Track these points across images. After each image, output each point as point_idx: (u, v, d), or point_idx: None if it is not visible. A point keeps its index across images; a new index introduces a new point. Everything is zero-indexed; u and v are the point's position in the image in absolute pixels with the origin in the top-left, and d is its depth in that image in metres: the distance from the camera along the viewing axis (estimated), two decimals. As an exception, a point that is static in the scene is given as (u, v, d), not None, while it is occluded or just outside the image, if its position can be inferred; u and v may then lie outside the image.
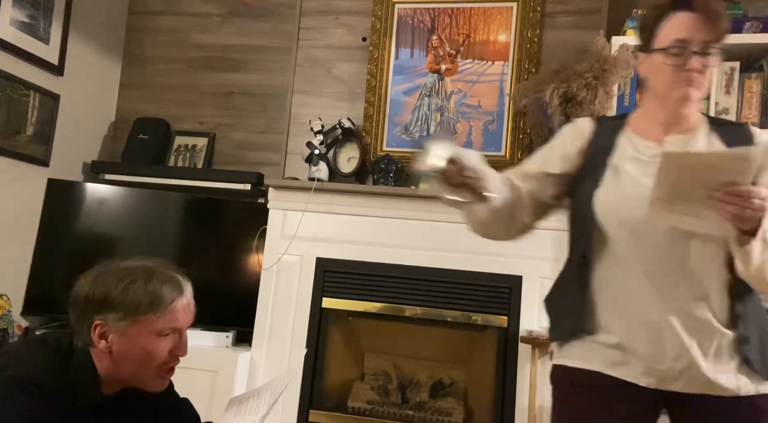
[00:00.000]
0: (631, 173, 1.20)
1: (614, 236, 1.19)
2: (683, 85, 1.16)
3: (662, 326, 1.13)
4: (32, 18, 2.68)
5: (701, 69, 1.15)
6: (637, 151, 1.23)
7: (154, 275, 1.16)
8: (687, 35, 1.14)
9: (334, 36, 2.92)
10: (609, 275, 1.20)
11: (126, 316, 1.12)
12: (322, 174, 2.64)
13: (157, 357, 1.15)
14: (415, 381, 2.68)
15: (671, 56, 1.15)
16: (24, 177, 2.70)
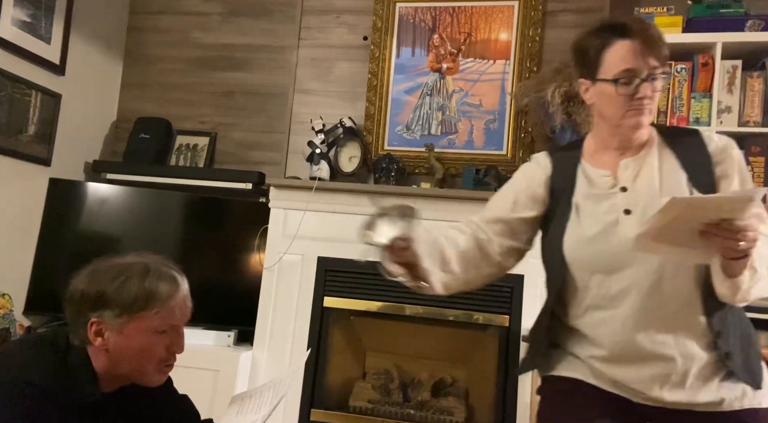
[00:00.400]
0: (589, 213, 1.19)
1: (586, 282, 1.18)
2: (635, 114, 1.16)
3: (645, 359, 1.13)
4: (34, 17, 2.68)
5: (651, 95, 1.15)
6: (593, 185, 1.22)
7: (149, 272, 1.15)
8: (633, 65, 1.14)
9: (335, 35, 2.92)
10: (586, 320, 1.20)
11: (122, 313, 1.11)
12: (323, 173, 2.64)
13: (154, 354, 1.14)
14: (416, 380, 2.68)
15: (621, 86, 1.15)
16: (26, 176, 2.70)
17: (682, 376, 1.13)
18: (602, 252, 1.15)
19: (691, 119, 2.32)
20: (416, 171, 2.74)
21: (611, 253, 1.14)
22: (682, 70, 2.34)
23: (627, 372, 1.15)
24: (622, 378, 1.16)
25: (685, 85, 2.33)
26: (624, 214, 1.16)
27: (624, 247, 1.12)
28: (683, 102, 2.33)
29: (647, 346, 1.12)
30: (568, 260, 1.19)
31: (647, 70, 1.14)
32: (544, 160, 1.31)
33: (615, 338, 1.15)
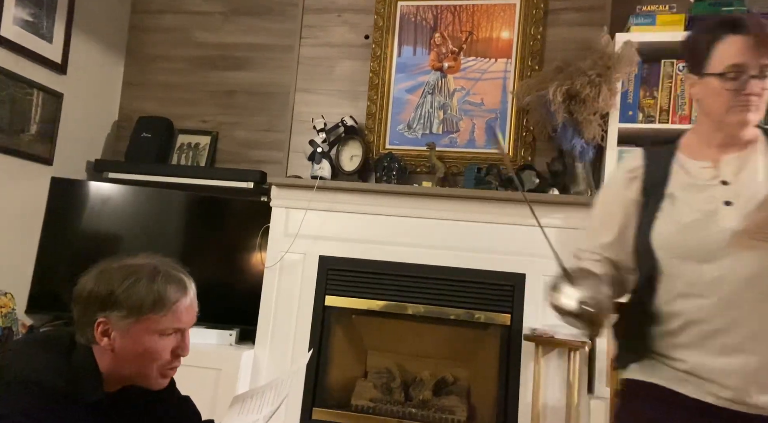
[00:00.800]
0: (687, 201, 1.19)
1: (677, 269, 1.18)
2: (741, 110, 1.15)
3: (733, 351, 1.12)
4: (35, 17, 2.69)
5: (759, 92, 1.14)
6: (690, 176, 1.22)
7: (158, 274, 1.15)
8: (743, 60, 1.13)
9: (337, 34, 2.92)
10: (676, 307, 1.18)
11: (129, 314, 1.11)
12: (324, 172, 2.64)
13: (159, 356, 1.15)
14: (418, 379, 2.68)
15: (729, 81, 1.14)
16: (28, 176, 2.70)
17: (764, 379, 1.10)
18: (699, 240, 1.14)
19: (693, 117, 2.31)
20: (418, 170, 2.74)
21: (708, 241, 1.13)
22: (684, 68, 2.33)
23: (712, 362, 1.13)
24: (706, 368, 1.13)
25: (687, 83, 2.33)
26: (724, 205, 1.15)
27: (722, 237, 1.11)
28: (685, 101, 2.33)
29: (737, 338, 1.11)
30: (655, 246, 1.19)
31: (757, 67, 1.13)
32: (637, 161, 1.31)
33: (707, 326, 1.13)
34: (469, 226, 2.48)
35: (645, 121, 2.37)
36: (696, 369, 1.16)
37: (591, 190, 2.42)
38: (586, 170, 2.44)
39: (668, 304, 1.20)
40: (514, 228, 2.43)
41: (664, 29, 2.35)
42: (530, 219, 2.40)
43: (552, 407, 2.30)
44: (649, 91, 2.37)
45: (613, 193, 1.32)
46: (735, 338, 1.12)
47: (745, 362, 1.11)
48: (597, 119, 2.33)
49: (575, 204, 2.38)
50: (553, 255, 1.15)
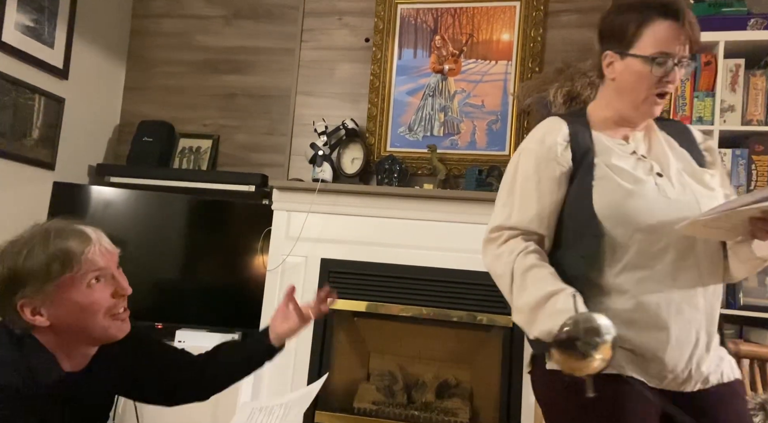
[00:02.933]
0: (624, 169, 1.17)
1: (626, 240, 1.12)
2: (654, 101, 1.18)
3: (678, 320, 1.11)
4: (37, 22, 2.70)
5: (676, 82, 1.16)
6: (612, 148, 1.22)
7: (50, 235, 1.08)
8: (671, 48, 1.13)
9: (337, 37, 2.92)
10: (621, 280, 1.13)
11: (43, 284, 1.05)
12: (326, 175, 2.64)
13: (97, 306, 1.09)
14: (420, 381, 2.68)
15: (656, 66, 1.14)
16: (30, 180, 2.71)
17: (707, 342, 1.13)
18: (644, 208, 1.12)
19: (694, 118, 2.31)
20: (419, 172, 2.74)
21: (654, 210, 1.12)
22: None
23: (661, 335, 1.10)
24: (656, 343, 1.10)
25: (687, 84, 2.33)
26: (657, 176, 1.17)
27: (664, 207, 1.13)
28: (686, 101, 2.33)
29: (683, 305, 1.11)
30: (600, 215, 1.13)
31: (681, 55, 1.14)
32: (559, 125, 1.25)
33: (651, 297, 1.11)
34: (470, 228, 2.48)
35: (646, 122, 2.36)
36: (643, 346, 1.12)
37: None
38: (587, 171, 2.44)
39: (614, 277, 1.13)
40: (515, 230, 2.43)
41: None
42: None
43: (555, 409, 2.30)
44: (650, 92, 2.37)
45: (545, 161, 1.21)
46: (680, 304, 1.12)
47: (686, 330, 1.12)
48: (598, 120, 2.33)
49: (577, 205, 2.38)
50: None
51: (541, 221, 1.20)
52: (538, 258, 1.17)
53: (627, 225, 1.12)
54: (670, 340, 1.10)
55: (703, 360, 1.13)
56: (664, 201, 1.14)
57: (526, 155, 1.25)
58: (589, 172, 1.17)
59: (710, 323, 1.14)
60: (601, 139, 1.23)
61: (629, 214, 1.12)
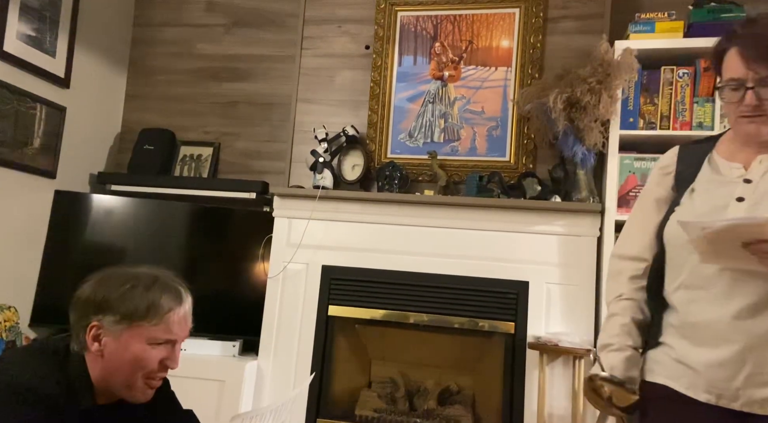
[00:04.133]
0: (704, 196, 1.20)
1: (682, 261, 1.20)
2: (746, 121, 1.17)
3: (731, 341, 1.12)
4: (38, 31, 2.71)
5: (759, 103, 1.14)
6: (717, 173, 1.23)
7: (156, 283, 1.16)
8: (739, 74, 1.15)
9: (338, 44, 2.93)
10: (677, 299, 1.21)
11: (122, 319, 1.12)
12: (326, 182, 2.64)
13: (147, 365, 1.14)
14: (422, 388, 2.67)
15: (727, 93, 1.18)
16: (31, 189, 2.72)
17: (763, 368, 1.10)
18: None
19: (694, 124, 2.32)
20: (419, 178, 2.74)
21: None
22: (684, 75, 2.34)
23: (713, 354, 1.13)
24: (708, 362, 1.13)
25: (687, 90, 2.33)
26: (736, 201, 1.16)
27: None
28: (686, 107, 2.33)
29: (734, 330, 1.11)
30: (666, 236, 1.23)
31: (755, 78, 1.14)
32: (671, 158, 1.34)
33: (702, 317, 1.15)
34: (471, 234, 2.48)
35: (646, 128, 2.37)
36: (690, 361, 1.17)
37: (593, 197, 2.42)
38: (587, 177, 2.44)
39: (671, 294, 1.22)
40: (516, 235, 2.43)
41: (663, 36, 2.36)
42: (532, 226, 2.41)
43: (557, 415, 2.29)
44: (650, 98, 2.38)
45: (648, 192, 1.36)
46: (733, 327, 1.11)
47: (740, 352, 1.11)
48: (598, 126, 2.33)
49: (577, 211, 2.38)
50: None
51: (642, 246, 1.32)
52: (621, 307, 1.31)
53: (683, 247, 1.18)
54: (719, 359, 1.13)
55: (763, 384, 1.10)
56: None
57: (642, 189, 1.41)
58: (679, 198, 1.26)
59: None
60: (716, 162, 1.26)
61: (682, 236, 1.16)
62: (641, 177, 2.35)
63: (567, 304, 2.37)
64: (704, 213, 1.17)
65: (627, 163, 2.36)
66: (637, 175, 2.36)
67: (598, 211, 2.36)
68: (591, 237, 2.37)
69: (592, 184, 2.45)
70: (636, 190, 2.34)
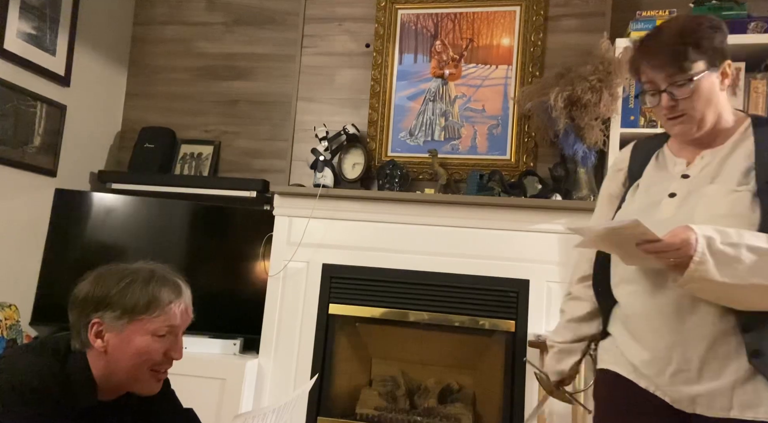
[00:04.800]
0: (644, 193, 1.23)
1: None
2: (671, 124, 1.21)
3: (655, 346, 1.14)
4: (38, 30, 2.71)
5: (675, 103, 1.17)
6: (662, 170, 1.26)
7: (153, 277, 1.17)
8: (649, 77, 1.20)
9: (338, 43, 2.93)
10: (618, 292, 1.24)
11: (123, 314, 1.13)
12: (327, 180, 2.64)
13: (152, 357, 1.15)
14: (423, 386, 2.67)
15: (648, 98, 1.21)
16: (32, 187, 2.72)
17: (698, 364, 1.09)
18: None
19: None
20: (420, 177, 2.74)
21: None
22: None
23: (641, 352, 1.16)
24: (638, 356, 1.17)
25: (688, 87, 2.33)
26: (668, 197, 1.19)
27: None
28: (687, 105, 2.33)
29: (663, 323, 1.13)
30: None
31: (664, 81, 1.17)
32: (624, 154, 1.37)
33: (635, 310, 1.18)
34: (472, 232, 2.48)
35: (647, 126, 2.37)
36: (628, 355, 1.20)
37: (593, 195, 2.42)
38: (588, 175, 2.44)
39: (615, 288, 1.26)
40: (517, 234, 2.43)
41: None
42: (533, 224, 2.41)
43: (558, 414, 2.29)
44: (651, 96, 2.37)
45: (603, 188, 1.40)
46: (668, 321, 1.13)
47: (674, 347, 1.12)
48: (598, 124, 2.33)
49: (578, 209, 2.38)
50: None
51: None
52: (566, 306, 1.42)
53: None
54: (649, 355, 1.15)
55: (690, 382, 1.10)
56: (653, 222, 1.12)
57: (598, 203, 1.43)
58: (626, 194, 1.29)
59: (709, 347, 1.08)
60: (665, 157, 1.28)
61: None
62: (642, 175, 2.34)
63: (567, 302, 2.37)
64: (639, 209, 1.20)
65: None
66: (637, 173, 2.35)
67: (599, 209, 2.36)
68: (592, 235, 2.37)
69: (592, 183, 2.45)
70: (637, 188, 2.34)
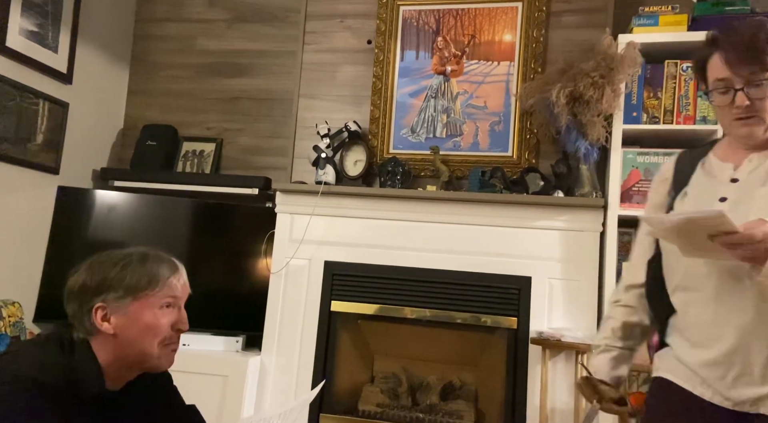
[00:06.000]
0: (694, 197, 1.21)
1: (676, 263, 1.22)
2: (740, 124, 1.18)
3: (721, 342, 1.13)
4: (41, 27, 2.71)
5: (750, 103, 1.14)
6: (709, 176, 1.24)
7: (148, 257, 1.18)
8: (725, 74, 1.16)
9: (340, 39, 2.93)
10: (675, 300, 1.23)
11: (126, 294, 1.14)
12: (329, 177, 2.64)
13: (161, 330, 1.16)
14: (425, 383, 2.67)
15: (717, 96, 1.18)
16: (34, 185, 2.72)
17: (760, 367, 1.10)
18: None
19: (697, 118, 2.30)
20: (422, 174, 2.74)
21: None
22: (688, 68, 2.32)
23: (705, 354, 1.15)
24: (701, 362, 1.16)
25: (691, 83, 2.32)
26: (719, 201, 1.17)
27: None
28: (689, 101, 2.32)
29: (725, 329, 1.12)
30: (661, 242, 1.26)
31: (742, 78, 1.14)
32: (669, 166, 1.36)
33: (696, 318, 1.18)
34: (474, 229, 2.47)
35: (649, 122, 2.36)
36: (686, 360, 1.19)
37: (596, 192, 2.41)
38: (590, 172, 2.44)
39: (671, 296, 1.25)
40: (519, 231, 2.43)
41: (666, 30, 2.34)
42: (535, 221, 2.41)
43: (560, 410, 2.29)
44: (653, 92, 2.36)
45: (648, 200, 1.38)
46: (724, 328, 1.12)
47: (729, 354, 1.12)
48: (601, 121, 2.33)
49: (580, 206, 2.37)
50: None
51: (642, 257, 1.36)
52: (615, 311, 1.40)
53: (675, 251, 1.18)
54: (711, 359, 1.14)
55: (750, 384, 1.11)
56: None
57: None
58: (674, 201, 1.27)
59: (762, 349, 1.10)
60: (711, 164, 1.26)
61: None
62: (644, 172, 2.34)
63: (569, 299, 2.37)
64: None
65: (630, 157, 2.35)
66: (640, 169, 2.35)
67: (601, 206, 2.36)
68: (594, 232, 2.37)
69: (594, 179, 2.44)
70: (639, 184, 2.33)
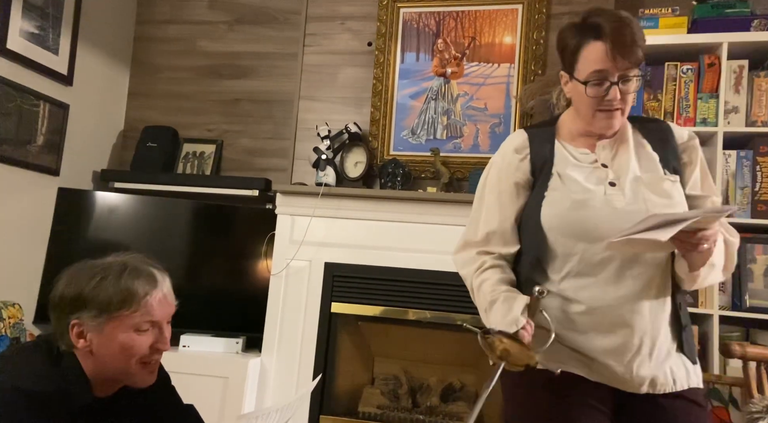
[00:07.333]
0: (576, 180, 1.21)
1: (570, 249, 1.17)
2: (605, 116, 1.19)
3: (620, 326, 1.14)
4: (41, 29, 2.71)
5: (621, 98, 1.17)
6: (575, 159, 1.25)
7: (125, 270, 1.14)
8: (604, 66, 1.16)
9: (340, 41, 2.93)
10: (564, 286, 1.18)
11: (100, 313, 1.10)
12: (329, 179, 2.64)
13: (137, 352, 1.13)
14: (425, 385, 2.67)
15: (591, 88, 1.17)
16: (35, 186, 2.72)
17: (650, 348, 1.14)
18: (588, 218, 1.16)
19: (698, 120, 2.31)
20: (422, 175, 2.74)
21: (598, 220, 1.15)
22: (688, 70, 2.33)
23: (603, 341, 1.15)
24: (598, 347, 1.15)
25: (691, 85, 2.32)
26: (609, 185, 1.19)
27: (613, 217, 1.14)
28: (690, 103, 2.32)
29: (625, 313, 1.13)
30: (546, 226, 1.19)
31: (618, 73, 1.16)
32: (520, 139, 1.31)
33: (594, 303, 1.15)
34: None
35: (649, 124, 2.36)
36: (585, 349, 1.17)
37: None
38: (590, 174, 2.44)
39: (557, 283, 1.19)
40: (519, 233, 2.43)
41: (667, 32, 2.35)
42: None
43: (560, 412, 2.29)
44: (653, 94, 2.37)
45: (503, 178, 1.29)
46: (622, 312, 1.14)
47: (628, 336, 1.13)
48: (601, 123, 2.33)
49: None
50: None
51: (502, 234, 1.27)
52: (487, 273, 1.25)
53: (571, 235, 1.17)
54: (610, 344, 1.15)
55: (643, 365, 1.14)
56: (611, 211, 1.15)
57: (491, 169, 1.34)
58: (545, 183, 1.23)
59: (655, 330, 1.14)
60: (563, 150, 1.27)
61: (573, 224, 1.17)
62: (645, 173, 2.34)
63: (570, 301, 2.37)
64: (585, 198, 1.17)
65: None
66: (640, 171, 2.35)
67: (602, 207, 2.35)
68: (594, 234, 2.37)
69: (595, 181, 2.44)
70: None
